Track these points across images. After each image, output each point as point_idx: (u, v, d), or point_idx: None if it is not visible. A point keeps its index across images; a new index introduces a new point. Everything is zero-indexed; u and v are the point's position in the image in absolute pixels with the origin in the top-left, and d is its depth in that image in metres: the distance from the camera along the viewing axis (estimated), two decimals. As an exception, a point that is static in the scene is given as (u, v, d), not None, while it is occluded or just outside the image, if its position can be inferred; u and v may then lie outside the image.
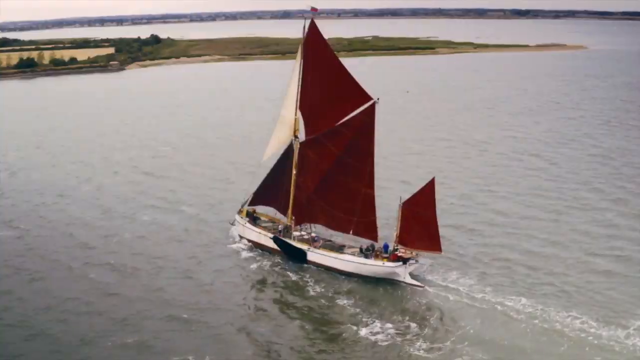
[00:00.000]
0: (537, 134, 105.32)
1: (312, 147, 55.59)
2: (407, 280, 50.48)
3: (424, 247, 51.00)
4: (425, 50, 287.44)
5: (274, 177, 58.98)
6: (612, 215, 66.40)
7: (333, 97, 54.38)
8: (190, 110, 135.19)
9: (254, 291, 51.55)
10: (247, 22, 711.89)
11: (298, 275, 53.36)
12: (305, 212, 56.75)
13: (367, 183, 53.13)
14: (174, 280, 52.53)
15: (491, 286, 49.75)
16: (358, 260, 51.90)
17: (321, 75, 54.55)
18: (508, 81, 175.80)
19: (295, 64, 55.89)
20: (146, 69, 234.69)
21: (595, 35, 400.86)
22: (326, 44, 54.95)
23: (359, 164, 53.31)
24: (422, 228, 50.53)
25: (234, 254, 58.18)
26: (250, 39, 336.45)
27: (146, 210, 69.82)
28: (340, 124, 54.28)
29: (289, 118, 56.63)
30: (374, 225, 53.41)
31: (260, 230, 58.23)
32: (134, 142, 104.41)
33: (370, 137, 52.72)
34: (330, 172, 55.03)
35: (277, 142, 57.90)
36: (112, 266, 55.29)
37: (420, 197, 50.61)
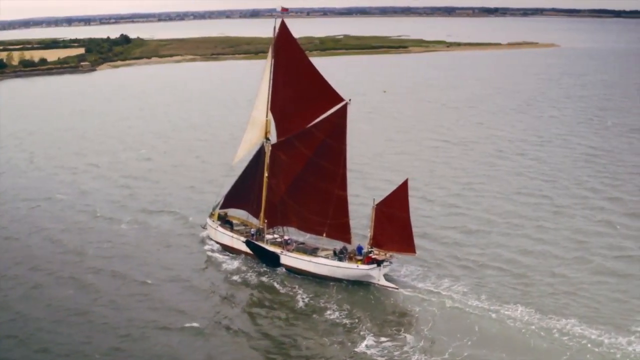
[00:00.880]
0: (519, 133, 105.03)
1: (284, 149, 54.88)
2: (381, 282, 50.00)
3: (398, 248, 50.54)
4: (398, 49, 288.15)
5: (246, 180, 58.14)
6: (605, 215, 65.72)
7: (304, 98, 53.70)
8: (167, 112, 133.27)
9: (226, 297, 50.44)
10: (217, 22, 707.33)
11: (271, 279, 52.56)
12: (278, 215, 56.01)
13: (339, 185, 52.58)
14: (140, 287, 51.34)
15: (485, 292, 48.59)
16: (332, 263, 51.29)
17: (292, 76, 53.87)
18: (484, 80, 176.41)
19: (266, 64, 55.14)
20: (117, 70, 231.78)
21: (565, 33, 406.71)
22: (297, 45, 54.32)
23: (331, 165, 52.73)
24: (395, 230, 50.08)
25: (205, 258, 57.19)
26: (221, 39, 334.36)
27: (118, 214, 68.48)
28: (312, 126, 53.61)
29: (260, 119, 55.82)
30: (347, 227, 52.86)
31: (233, 234, 57.32)
32: (114, 145, 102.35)
33: (342, 139, 52.17)
34: (302, 174, 54.37)
35: (248, 144, 57.07)
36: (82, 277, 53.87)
37: (394, 199, 50.17)
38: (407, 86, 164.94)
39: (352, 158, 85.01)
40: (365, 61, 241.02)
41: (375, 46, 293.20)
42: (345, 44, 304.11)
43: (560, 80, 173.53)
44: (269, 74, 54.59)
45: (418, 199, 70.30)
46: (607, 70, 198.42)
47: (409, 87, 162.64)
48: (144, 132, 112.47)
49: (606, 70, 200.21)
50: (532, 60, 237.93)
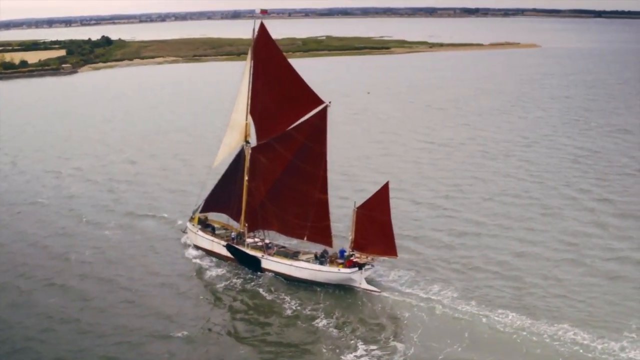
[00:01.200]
0: (504, 134, 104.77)
1: (264, 152, 54.40)
2: (363, 285, 49.66)
3: (379, 251, 50.22)
4: (380, 50, 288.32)
5: (226, 183, 57.56)
6: (594, 216, 65.36)
7: (284, 100, 53.26)
8: (151, 114, 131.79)
9: (211, 303, 49.75)
10: (198, 23, 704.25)
11: (252, 283, 52.00)
12: (259, 219, 55.52)
13: (320, 188, 52.16)
14: (126, 293, 50.59)
15: (475, 296, 47.92)
16: (313, 267, 50.87)
17: (272, 79, 53.44)
18: (467, 80, 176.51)
19: (245, 67, 54.65)
20: (99, 72, 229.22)
21: (546, 33, 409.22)
22: (276, 47, 53.84)
23: (311, 168, 52.34)
24: (377, 232, 49.74)
25: (188, 263, 56.50)
26: (203, 40, 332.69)
27: (104, 218, 67.62)
28: (292, 128, 53.19)
29: (239, 122, 55.31)
30: (328, 231, 52.46)
31: (213, 238, 56.72)
32: (98, 148, 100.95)
33: (322, 141, 51.80)
34: (283, 177, 53.93)
35: (227, 148, 56.53)
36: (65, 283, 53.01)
37: (375, 201, 49.83)
38: (391, 87, 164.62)
39: (337, 160, 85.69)
40: (348, 62, 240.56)
41: (358, 47, 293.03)
42: (328, 45, 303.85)
43: (543, 81, 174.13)
44: (249, 76, 54.09)
45: (405, 201, 70.33)
46: (589, 71, 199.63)
47: (393, 88, 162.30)
48: (129, 134, 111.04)
49: (589, 70, 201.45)
50: (514, 60, 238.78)
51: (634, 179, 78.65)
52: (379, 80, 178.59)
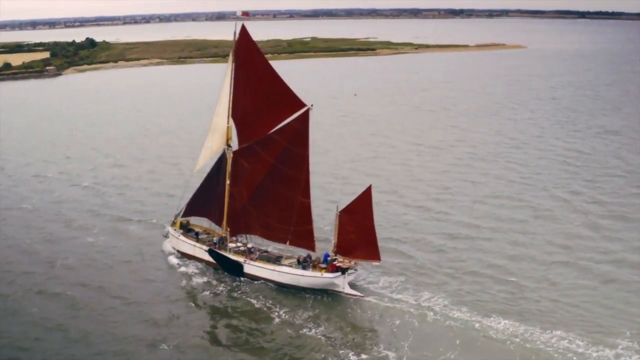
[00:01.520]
0: (493, 136, 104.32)
1: (246, 156, 53.86)
2: (346, 290, 49.16)
3: (362, 256, 49.77)
4: (366, 51, 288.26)
5: (207, 187, 57.01)
6: (585, 218, 64.73)
7: (266, 103, 52.78)
8: (137, 116, 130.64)
9: (188, 309, 48.96)
10: (182, 24, 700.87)
11: (235, 288, 51.38)
12: (241, 223, 54.92)
13: (302, 191, 51.63)
14: (113, 300, 49.72)
15: (467, 302, 47.07)
16: (295, 272, 50.33)
17: (253, 82, 52.92)
18: (454, 82, 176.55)
19: (227, 70, 54.11)
20: (84, 74, 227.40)
21: (532, 34, 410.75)
22: (257, 49, 53.36)
23: (293, 172, 51.82)
24: (360, 237, 49.31)
25: (167, 268, 55.83)
26: (188, 42, 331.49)
27: (90, 223, 66.67)
28: (274, 132, 52.68)
29: (221, 126, 54.76)
30: (311, 235, 51.95)
31: (195, 243, 56.05)
32: (84, 151, 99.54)
33: (304, 145, 51.30)
34: (265, 181, 53.39)
35: (209, 152, 55.93)
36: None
37: (357, 205, 49.42)
38: (378, 89, 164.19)
39: (326, 163, 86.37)
40: (334, 64, 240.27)
41: (343, 49, 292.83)
42: (314, 47, 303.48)
43: (530, 82, 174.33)
44: (230, 79, 53.53)
45: (395, 204, 69.88)
46: (576, 72, 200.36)
47: (380, 90, 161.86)
48: (115, 137, 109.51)
49: (575, 71, 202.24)
50: (501, 61, 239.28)
51: (623, 180, 78.39)
52: (365, 82, 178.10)
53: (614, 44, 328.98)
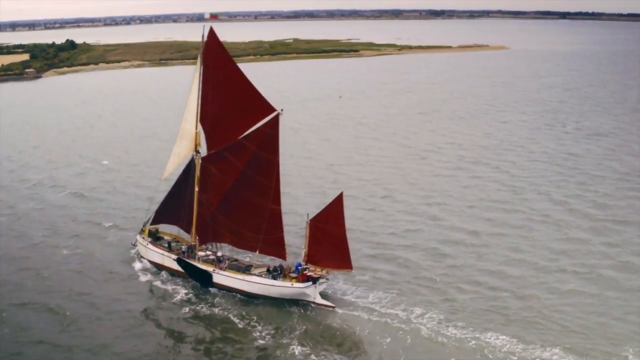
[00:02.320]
0: (480, 140, 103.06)
1: (215, 162, 52.39)
2: (317, 300, 47.86)
3: (334, 265, 48.50)
4: (349, 52, 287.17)
5: (176, 194, 55.45)
6: (577, 228, 63.27)
7: (235, 108, 51.40)
8: (119, 120, 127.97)
9: (153, 321, 47.51)
10: (163, 26, 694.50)
11: (203, 299, 49.96)
12: (210, 231, 53.46)
13: (272, 198, 50.30)
14: (65, 309, 48.32)
15: (461, 318, 45.45)
16: (265, 282, 48.95)
17: (222, 86, 51.49)
18: (438, 84, 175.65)
19: (195, 73, 52.63)
20: (64, 76, 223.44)
21: (514, 35, 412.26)
22: (226, 52, 51.97)
23: (263, 178, 50.48)
24: (331, 245, 48.04)
25: (134, 278, 54.17)
26: (169, 43, 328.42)
27: (60, 234, 64.51)
28: (244, 137, 51.33)
29: (189, 132, 53.26)
30: (282, 243, 50.64)
31: (164, 251, 54.45)
32: (68, 156, 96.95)
33: (274, 150, 49.99)
34: (234, 187, 52.01)
35: (177, 158, 54.55)
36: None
37: (329, 213, 48.14)
38: (362, 91, 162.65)
39: (311, 167, 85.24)
40: (317, 65, 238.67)
41: (326, 50, 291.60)
42: (297, 48, 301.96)
43: (514, 83, 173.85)
44: (198, 83, 52.03)
45: (382, 210, 68.44)
46: (560, 72, 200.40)
47: (364, 92, 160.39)
48: (98, 142, 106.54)
49: (559, 72, 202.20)
50: (485, 62, 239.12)
51: (617, 183, 77.54)
52: (349, 84, 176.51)
53: (596, 45, 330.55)
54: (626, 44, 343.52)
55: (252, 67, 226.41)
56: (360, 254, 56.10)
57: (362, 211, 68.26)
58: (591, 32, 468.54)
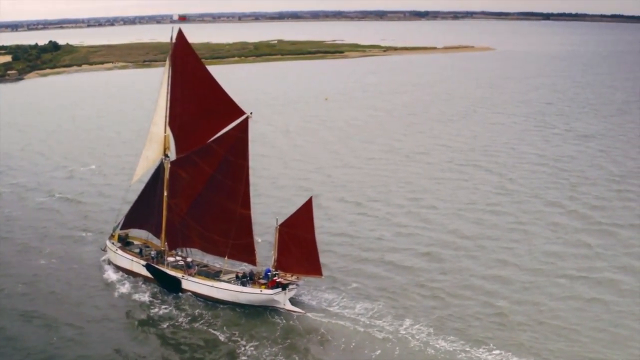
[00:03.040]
0: (467, 143, 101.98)
1: (184, 166, 51.53)
2: (287, 307, 47.11)
3: (304, 271, 47.77)
4: (334, 54, 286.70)
5: (145, 199, 54.54)
6: (570, 231, 62.51)
7: (204, 111, 50.56)
8: (99, 124, 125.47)
9: (117, 330, 46.35)
10: (147, 27, 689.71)
11: (171, 306, 48.95)
12: (180, 236, 52.54)
13: (241, 203, 49.44)
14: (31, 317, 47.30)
15: (452, 329, 43.87)
16: (235, 288, 48.13)
17: (191, 89, 50.69)
18: (424, 85, 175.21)
19: (163, 76, 51.80)
20: (47, 78, 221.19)
21: (499, 36, 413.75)
22: (195, 55, 51.17)
23: (233, 182, 49.63)
24: (301, 251, 47.32)
25: (103, 285, 53.11)
26: (153, 45, 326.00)
27: (35, 239, 62.99)
28: (213, 141, 50.47)
29: (158, 135, 52.36)
30: (252, 248, 49.79)
31: (133, 257, 53.49)
32: (40, 162, 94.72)
33: (244, 154, 49.14)
34: (204, 192, 51.14)
35: (146, 162, 53.62)
36: None
37: (298, 219, 47.42)
38: (348, 93, 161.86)
39: (292, 171, 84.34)
40: (302, 67, 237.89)
41: (311, 51, 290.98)
42: (281, 50, 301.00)
43: (501, 85, 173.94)
44: (167, 86, 51.17)
45: (368, 217, 67.36)
46: (545, 74, 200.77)
47: (350, 94, 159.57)
48: (73, 147, 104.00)
49: (544, 73, 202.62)
50: (470, 64, 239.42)
51: (608, 186, 77.09)
52: (335, 86, 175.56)
53: (581, 46, 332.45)
54: (610, 45, 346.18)
55: (236, 69, 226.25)
56: (347, 261, 55.40)
57: (350, 216, 67.54)
58: (575, 33, 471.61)
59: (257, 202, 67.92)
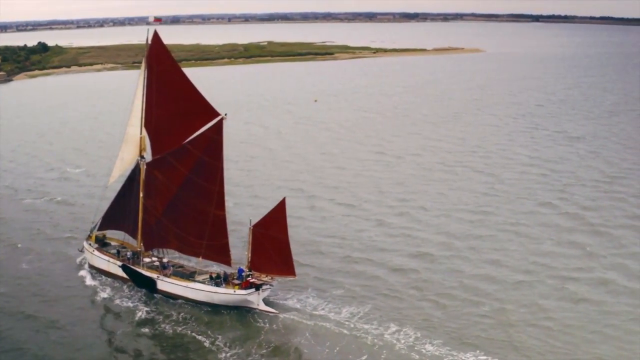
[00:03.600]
0: (457, 145, 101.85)
1: (159, 167, 51.74)
2: (261, 307, 47.39)
3: (277, 271, 48.08)
4: (324, 55, 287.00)
5: (122, 200, 54.75)
6: (559, 236, 62.29)
7: (179, 113, 50.81)
8: (89, 125, 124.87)
9: (90, 331, 46.32)
10: (136, 28, 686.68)
11: (147, 306, 49.13)
12: (156, 237, 52.79)
13: (216, 204, 49.75)
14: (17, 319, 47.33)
15: (441, 333, 43.41)
16: (208, 289, 48.38)
17: (166, 90, 50.92)
18: (414, 87, 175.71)
19: (139, 78, 52.06)
20: (36, 80, 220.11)
21: (489, 38, 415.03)
22: (170, 57, 51.54)
23: (207, 183, 49.93)
24: (274, 251, 47.64)
25: (79, 286, 53.20)
26: (142, 46, 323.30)
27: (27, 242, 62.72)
28: (188, 142, 50.72)
29: (134, 136, 52.56)
30: (226, 249, 50.08)
31: (109, 258, 53.65)
32: (31, 164, 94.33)
33: (218, 155, 49.45)
34: (179, 193, 51.40)
35: (122, 163, 53.75)
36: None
37: (271, 220, 47.76)
38: (338, 94, 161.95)
39: (281, 172, 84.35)
40: (291, 68, 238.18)
41: (301, 53, 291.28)
42: (271, 51, 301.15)
43: (491, 86, 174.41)
44: (142, 88, 51.41)
45: (355, 218, 67.45)
46: (535, 76, 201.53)
47: (340, 96, 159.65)
48: (64, 148, 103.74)
49: (534, 75, 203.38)
50: (460, 65, 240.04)
51: (597, 189, 77.23)
52: (324, 87, 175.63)
53: (570, 48, 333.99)
54: (600, 47, 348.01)
55: (226, 71, 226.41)
56: (333, 265, 55.36)
57: (336, 218, 67.51)
58: (564, 35, 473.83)
59: (253, 203, 69.49)
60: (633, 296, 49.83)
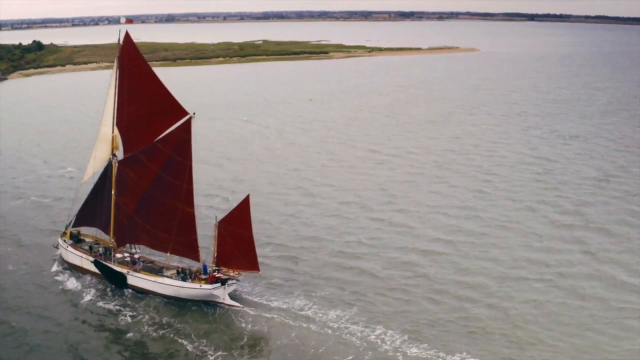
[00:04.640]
0: (452, 144, 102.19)
1: (131, 166, 53.02)
2: (226, 301, 48.60)
3: (242, 266, 49.33)
4: (319, 55, 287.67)
5: (95, 197, 56.15)
6: (558, 231, 62.81)
7: (150, 112, 52.16)
8: (85, 123, 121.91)
9: (67, 327, 47.45)
10: (131, 26, 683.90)
11: (117, 302, 50.45)
12: (127, 233, 54.15)
13: (184, 200, 50.98)
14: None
15: (428, 336, 43.34)
16: (176, 284, 49.65)
17: (137, 90, 52.20)
18: (410, 86, 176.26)
19: (112, 77, 53.26)
20: (30, 78, 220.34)
21: (485, 37, 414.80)
22: (141, 57, 52.80)
23: (176, 181, 51.17)
24: (239, 247, 48.89)
25: (53, 282, 54.36)
26: (137, 45, 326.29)
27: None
28: (158, 140, 52.00)
29: (107, 135, 53.79)
30: (195, 245, 51.30)
31: (82, 254, 54.89)
32: (32, 162, 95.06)
33: (187, 153, 50.66)
34: (150, 190, 52.69)
35: (96, 161, 54.94)
36: None
37: (236, 216, 49.00)
38: (333, 94, 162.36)
39: (271, 173, 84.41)
40: (286, 67, 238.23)
41: (296, 52, 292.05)
42: (266, 50, 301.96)
43: (485, 86, 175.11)
44: (114, 87, 52.62)
45: (348, 218, 67.80)
46: (530, 75, 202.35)
47: (335, 95, 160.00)
48: (62, 147, 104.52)
49: (529, 74, 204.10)
50: (455, 65, 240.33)
51: (591, 189, 77.52)
52: (319, 87, 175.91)
53: (563, 47, 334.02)
54: (594, 46, 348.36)
55: (221, 69, 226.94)
56: (320, 265, 55.92)
57: (327, 218, 67.94)
58: (559, 34, 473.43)
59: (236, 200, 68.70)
60: (631, 291, 50.41)
